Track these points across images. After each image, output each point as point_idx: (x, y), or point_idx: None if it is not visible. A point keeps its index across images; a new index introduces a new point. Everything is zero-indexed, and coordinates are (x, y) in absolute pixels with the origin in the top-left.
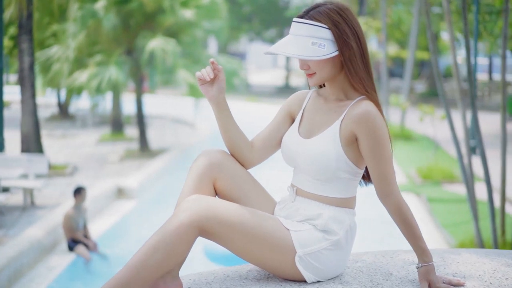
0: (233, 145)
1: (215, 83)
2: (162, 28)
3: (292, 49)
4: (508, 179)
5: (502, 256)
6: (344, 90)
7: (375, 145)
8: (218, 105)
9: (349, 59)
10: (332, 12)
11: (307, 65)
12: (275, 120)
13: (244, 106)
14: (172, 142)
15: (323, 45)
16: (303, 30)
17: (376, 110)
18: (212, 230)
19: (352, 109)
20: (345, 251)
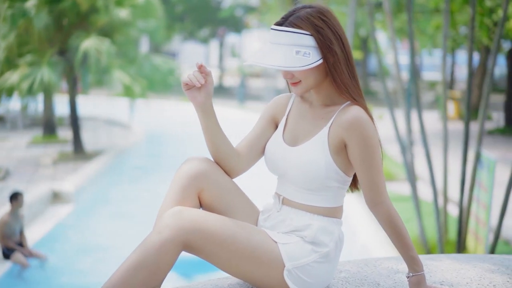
0: (219, 154)
1: (203, 88)
2: (96, 28)
3: (275, 60)
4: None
5: (483, 261)
6: (330, 96)
7: (366, 152)
8: (205, 111)
9: (334, 65)
10: (313, 17)
11: (291, 74)
12: (258, 126)
13: (178, 106)
14: (107, 144)
15: (308, 54)
16: (285, 39)
17: (367, 115)
18: (196, 244)
19: (340, 115)
20: (333, 263)
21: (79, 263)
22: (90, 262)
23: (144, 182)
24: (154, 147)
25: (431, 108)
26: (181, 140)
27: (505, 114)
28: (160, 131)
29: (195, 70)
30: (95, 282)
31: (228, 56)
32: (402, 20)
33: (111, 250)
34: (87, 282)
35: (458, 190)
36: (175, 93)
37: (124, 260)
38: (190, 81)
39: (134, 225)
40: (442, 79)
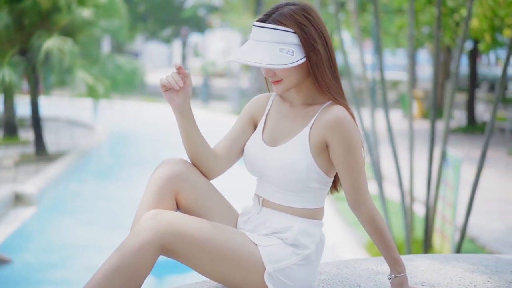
0: (197, 156)
1: (181, 90)
2: (58, 27)
3: (258, 57)
4: (406, 176)
5: (462, 261)
6: (311, 95)
7: (349, 153)
8: (183, 113)
9: (316, 64)
10: (297, 14)
11: (272, 72)
12: (237, 126)
13: (142, 106)
14: (70, 145)
15: (291, 52)
16: (268, 36)
17: (349, 115)
18: (175, 248)
19: (322, 115)
20: (314, 265)
21: (43, 266)
22: (54, 264)
23: (107, 183)
24: (118, 148)
25: (394, 107)
26: (144, 141)
27: (467, 113)
28: (123, 131)
29: (174, 71)
30: (60, 284)
31: (191, 56)
32: (365, 20)
33: (75, 252)
34: (51, 284)
35: (424, 189)
36: (138, 93)
37: (101, 265)
38: (168, 83)
39: (98, 227)
40: (408, 79)
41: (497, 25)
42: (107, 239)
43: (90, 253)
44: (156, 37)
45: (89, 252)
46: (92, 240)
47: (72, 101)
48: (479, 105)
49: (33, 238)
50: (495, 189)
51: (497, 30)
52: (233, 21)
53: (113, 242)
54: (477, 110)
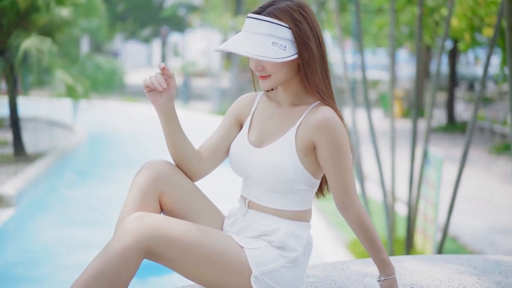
0: (181, 157)
1: (165, 91)
2: (37, 27)
3: (250, 48)
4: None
5: (450, 262)
6: (299, 94)
7: (337, 154)
8: (167, 114)
9: (307, 62)
10: (293, 10)
11: (262, 66)
12: (222, 127)
13: (122, 107)
14: (49, 145)
15: (283, 47)
16: (262, 28)
17: (337, 116)
18: (159, 251)
19: (309, 115)
20: (302, 267)
21: (21, 267)
22: (33, 265)
23: (87, 184)
24: (98, 148)
25: (374, 107)
26: (125, 141)
27: (447, 112)
28: (103, 132)
29: (157, 72)
30: (39, 285)
31: (170, 56)
32: (345, 20)
33: (54, 253)
34: (30, 285)
35: (405, 189)
36: (118, 93)
37: (84, 268)
38: (151, 83)
39: (78, 228)
40: (389, 78)
41: (477, 25)
42: (87, 240)
43: (69, 254)
44: (135, 37)
45: (69, 253)
46: (71, 241)
47: (51, 101)
48: (458, 104)
49: (11, 240)
50: (476, 188)
51: (476, 30)
52: (213, 20)
53: (93, 242)
54: (456, 109)
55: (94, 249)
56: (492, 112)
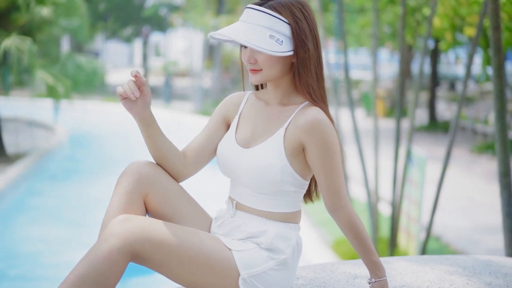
0: (164, 160)
1: (140, 99)
2: (17, 26)
3: (247, 37)
4: (370, 175)
5: (439, 263)
6: (288, 94)
7: (326, 156)
8: (144, 121)
9: (302, 61)
10: (294, 6)
11: (254, 58)
12: (209, 127)
13: (103, 107)
14: (30, 146)
15: (280, 41)
16: (261, 20)
17: (326, 117)
18: (145, 254)
19: (298, 116)
20: (291, 269)
21: (1, 267)
22: (13, 266)
23: (68, 184)
24: (79, 149)
25: (356, 106)
26: (106, 141)
27: (428, 111)
28: (84, 132)
29: (130, 79)
30: (18, 286)
31: (152, 55)
32: (327, 20)
33: (34, 254)
34: (9, 286)
35: (388, 188)
36: (99, 93)
37: (69, 272)
38: (124, 92)
39: (59, 229)
40: (372, 78)
41: (458, 24)
42: (68, 240)
43: (50, 254)
44: (116, 37)
45: (50, 253)
46: (52, 241)
47: (31, 102)
48: (439, 103)
49: None
50: (459, 187)
51: (458, 29)
52: (195, 20)
53: (75, 243)
54: (438, 109)
55: (76, 249)
56: (474, 112)
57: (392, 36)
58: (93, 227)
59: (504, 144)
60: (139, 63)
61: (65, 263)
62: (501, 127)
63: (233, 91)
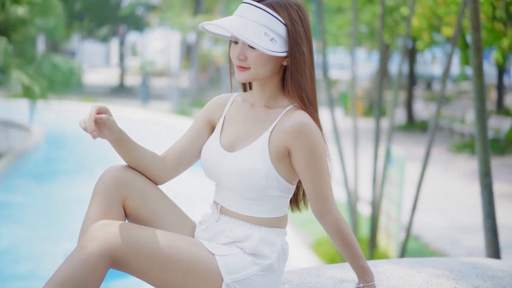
0: (141, 168)
1: (103, 128)
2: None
3: (240, 30)
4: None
5: (426, 265)
6: (274, 96)
7: (312, 161)
8: (114, 142)
9: (297, 64)
10: (291, 7)
11: (245, 55)
12: (193, 129)
13: (80, 107)
14: (6, 147)
15: (275, 40)
16: (257, 16)
17: (312, 121)
18: (126, 260)
19: (284, 119)
20: (277, 275)
21: None
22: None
23: (44, 186)
24: (55, 150)
25: (334, 106)
26: (83, 142)
27: (406, 111)
28: (61, 133)
29: (91, 117)
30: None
31: (129, 55)
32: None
33: (10, 257)
34: None
35: (367, 188)
36: (76, 93)
37: (48, 279)
38: (85, 129)
39: (35, 231)
40: (351, 77)
41: (435, 24)
42: (44, 244)
43: (27, 256)
44: (93, 36)
45: (26, 256)
46: (28, 245)
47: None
48: (417, 103)
49: None
50: (437, 187)
51: (435, 29)
52: (172, 20)
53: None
54: (415, 108)
55: (52, 252)
56: (451, 111)
57: (370, 35)
58: (69, 229)
59: (484, 144)
60: (115, 63)
61: (40, 266)
62: (481, 127)
63: (210, 91)
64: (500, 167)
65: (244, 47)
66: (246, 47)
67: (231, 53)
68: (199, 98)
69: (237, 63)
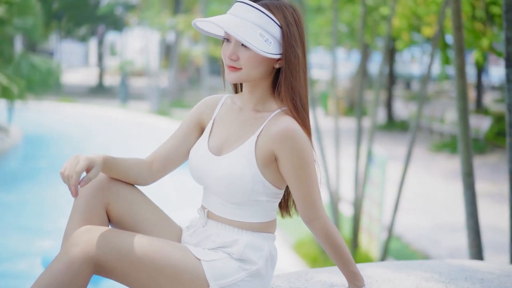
0: (128, 179)
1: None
2: None
3: (237, 30)
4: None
5: (415, 269)
6: (263, 100)
7: (300, 166)
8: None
9: (292, 67)
10: (287, 10)
11: (237, 55)
12: (180, 131)
13: (58, 107)
14: None
15: (269, 42)
16: (253, 16)
17: (299, 126)
18: (109, 266)
19: (270, 124)
20: (264, 281)
21: None
22: None
23: (22, 187)
24: (33, 150)
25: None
26: (61, 143)
27: (386, 111)
28: (39, 133)
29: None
30: None
31: (108, 55)
32: None
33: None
34: None
35: (348, 189)
36: (54, 93)
37: (31, 285)
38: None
39: (12, 234)
40: (332, 77)
41: (415, 24)
42: (22, 247)
43: (4, 259)
44: (71, 36)
45: (3, 259)
46: (5, 246)
47: None
48: (396, 103)
49: None
50: (418, 186)
51: (415, 29)
52: (151, 19)
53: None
54: (394, 108)
55: (29, 251)
56: (430, 111)
57: (349, 35)
58: (48, 227)
59: (467, 144)
60: (94, 63)
61: (19, 269)
62: (463, 127)
63: (189, 91)
64: (480, 167)
65: (237, 47)
66: (239, 47)
67: (222, 52)
68: (179, 98)
69: (228, 62)
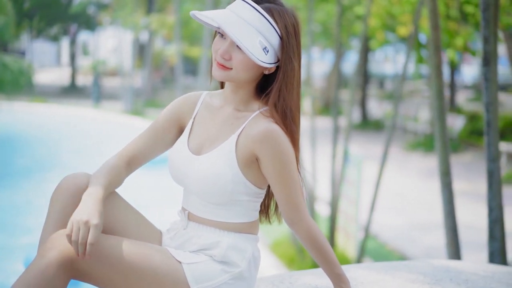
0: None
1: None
2: None
3: (238, 33)
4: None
5: (399, 270)
6: (246, 101)
7: (281, 168)
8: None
9: (287, 80)
10: (289, 18)
11: (230, 55)
12: (155, 129)
13: (30, 108)
14: None
15: (267, 50)
16: (255, 20)
17: (279, 128)
18: (87, 269)
19: (251, 125)
20: (248, 283)
21: None
22: None
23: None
24: (4, 153)
25: None
26: (34, 144)
27: (360, 110)
28: (10, 134)
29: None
30: None
31: (80, 55)
32: None
33: None
34: None
35: (324, 188)
36: (26, 93)
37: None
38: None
39: None
40: (307, 77)
41: (389, 24)
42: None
43: None
44: (43, 35)
45: None
46: None
47: None
48: (370, 102)
49: None
50: (393, 185)
51: (389, 28)
52: (124, 19)
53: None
54: (368, 107)
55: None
56: (404, 110)
57: (323, 34)
58: (19, 232)
59: (444, 143)
60: (66, 63)
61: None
62: (440, 126)
63: (163, 91)
64: (454, 165)
65: (232, 46)
66: (234, 47)
67: (214, 46)
68: (152, 98)
69: (219, 59)
